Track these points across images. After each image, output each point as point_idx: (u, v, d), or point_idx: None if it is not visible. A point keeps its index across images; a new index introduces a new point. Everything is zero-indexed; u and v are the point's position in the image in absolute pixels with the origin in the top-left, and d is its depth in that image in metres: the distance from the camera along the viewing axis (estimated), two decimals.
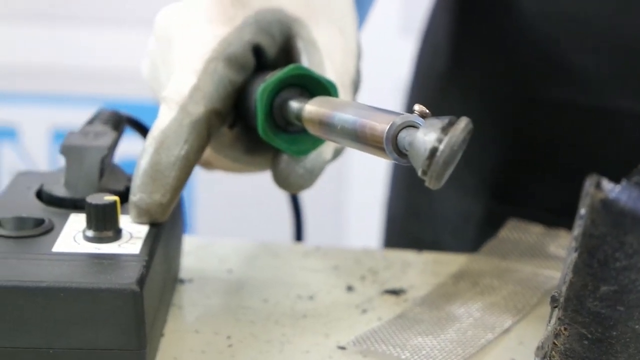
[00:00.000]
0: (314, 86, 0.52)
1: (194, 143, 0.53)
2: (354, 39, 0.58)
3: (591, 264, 0.53)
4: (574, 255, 0.53)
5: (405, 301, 0.57)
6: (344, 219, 1.57)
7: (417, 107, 0.46)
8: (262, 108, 0.52)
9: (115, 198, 0.49)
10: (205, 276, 0.59)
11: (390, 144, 0.45)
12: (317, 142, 0.53)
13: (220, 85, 0.54)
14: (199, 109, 0.53)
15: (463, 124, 0.46)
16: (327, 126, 0.49)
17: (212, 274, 0.59)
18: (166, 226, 0.53)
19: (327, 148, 0.55)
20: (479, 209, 0.76)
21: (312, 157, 0.54)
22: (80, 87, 1.68)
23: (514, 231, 0.67)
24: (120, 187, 0.54)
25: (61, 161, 0.54)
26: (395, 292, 0.58)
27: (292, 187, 0.55)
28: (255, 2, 0.55)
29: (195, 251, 0.61)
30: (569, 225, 0.69)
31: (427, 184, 0.46)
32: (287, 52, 0.56)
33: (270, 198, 1.74)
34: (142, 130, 0.61)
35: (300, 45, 0.55)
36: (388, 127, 0.45)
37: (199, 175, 1.63)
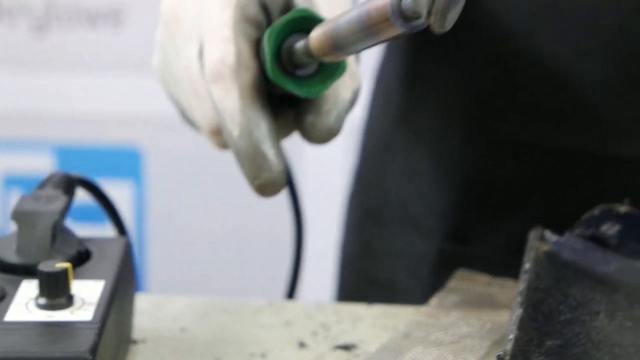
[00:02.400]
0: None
1: (264, 110, 0.55)
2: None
3: (536, 318, 0.54)
4: (519, 310, 0.54)
5: (356, 357, 0.58)
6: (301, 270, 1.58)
7: None
8: (270, 50, 0.54)
9: (67, 265, 0.50)
10: (159, 336, 0.59)
11: (397, 13, 0.46)
12: (326, 81, 0.55)
13: (252, 45, 0.56)
14: (248, 74, 0.55)
15: None
16: (336, 37, 0.50)
17: (165, 333, 0.60)
18: (118, 289, 0.53)
19: (344, 89, 0.57)
20: (432, 248, 0.77)
21: (332, 102, 0.56)
22: (32, 132, 1.68)
23: (462, 282, 0.68)
24: (72, 251, 0.54)
25: (12, 226, 0.55)
26: (346, 348, 0.59)
27: (323, 137, 0.56)
28: None
29: (149, 310, 0.62)
30: (519, 265, 0.71)
31: (432, 26, 0.46)
32: (288, 10, 0.58)
33: (224, 251, 1.75)
34: (94, 191, 0.61)
35: (297, 2, 0.57)
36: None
37: (153, 232, 1.64)
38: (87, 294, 0.51)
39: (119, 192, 1.63)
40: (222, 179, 1.61)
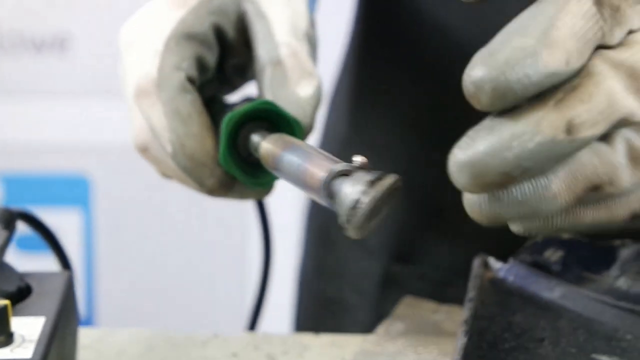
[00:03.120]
0: (280, 120, 0.55)
1: (197, 117, 0.55)
2: (303, 5, 0.60)
3: (481, 347, 0.54)
4: (464, 339, 0.54)
5: None
6: (249, 301, 1.57)
7: (358, 158, 0.49)
8: (225, 138, 0.54)
9: (6, 302, 0.49)
10: None
11: (324, 191, 0.48)
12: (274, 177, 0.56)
13: (186, 55, 0.56)
14: (173, 90, 0.55)
15: (390, 180, 0.48)
16: (276, 166, 0.52)
17: None
18: (60, 324, 0.52)
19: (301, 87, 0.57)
20: (378, 268, 0.78)
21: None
22: None
23: (408, 309, 0.68)
24: (12, 287, 0.53)
25: None
26: None
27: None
28: None
29: (93, 344, 0.61)
30: (463, 286, 0.72)
31: (347, 233, 0.48)
32: (243, 31, 0.58)
33: (174, 281, 1.74)
34: (36, 224, 0.61)
35: (250, 18, 0.58)
36: (326, 175, 0.48)
37: (101, 260, 1.62)
38: (27, 331, 0.51)
39: (67, 220, 1.62)
40: (172, 207, 1.61)
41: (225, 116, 0.55)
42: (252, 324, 0.70)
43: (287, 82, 0.56)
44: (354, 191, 0.47)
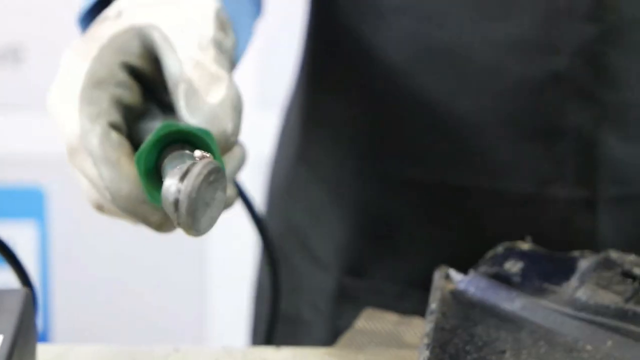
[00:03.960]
0: (191, 137, 0.55)
1: (122, 147, 0.56)
2: (211, 9, 0.60)
3: (443, 359, 0.54)
4: (426, 352, 0.54)
5: None
6: (208, 314, 1.57)
7: (197, 153, 0.50)
8: (140, 171, 0.54)
9: None
10: None
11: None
12: None
13: (102, 103, 0.57)
14: (97, 139, 0.56)
15: (197, 169, 0.48)
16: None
17: None
18: (18, 343, 0.52)
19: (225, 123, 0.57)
20: (331, 282, 0.78)
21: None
22: None
23: (369, 321, 0.68)
24: None
25: None
26: None
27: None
28: (107, 31, 0.59)
29: None
30: (418, 298, 0.72)
31: (186, 233, 0.49)
32: (156, 59, 0.59)
33: (132, 296, 1.72)
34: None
35: (156, 44, 0.58)
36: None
37: (57, 272, 1.60)
38: None
39: (22, 232, 1.60)
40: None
41: (135, 156, 0.55)
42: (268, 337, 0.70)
43: (197, 94, 0.57)
44: (171, 192, 0.48)
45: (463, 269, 0.62)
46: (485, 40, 0.69)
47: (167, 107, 0.60)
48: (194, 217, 0.47)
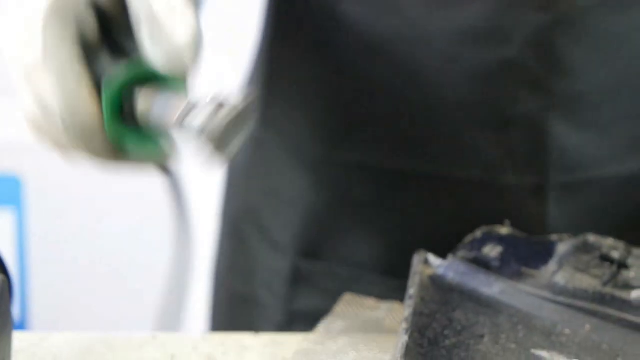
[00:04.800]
0: (156, 77, 0.55)
1: (83, 76, 0.56)
2: None
3: (422, 344, 0.54)
4: (405, 337, 0.54)
5: None
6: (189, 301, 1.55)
7: (210, 94, 0.53)
8: (107, 103, 0.55)
9: None
10: None
11: (179, 127, 0.53)
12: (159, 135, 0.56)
13: (67, 30, 0.57)
14: (61, 53, 0.56)
15: (236, 104, 0.52)
16: (149, 120, 0.55)
17: None
18: None
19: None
20: (287, 264, 0.78)
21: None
22: None
23: (348, 306, 0.68)
24: None
25: None
26: None
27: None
28: None
29: (28, 348, 0.60)
30: (373, 282, 0.72)
31: (212, 158, 0.52)
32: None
33: (109, 282, 1.72)
34: None
35: None
36: (179, 111, 0.52)
37: (34, 259, 1.59)
38: None
39: None
40: (106, 206, 1.59)
41: (103, 83, 0.55)
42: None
43: (162, 31, 0.56)
44: (195, 125, 0.51)
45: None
46: (439, 28, 0.70)
47: (118, 51, 0.60)
48: (223, 143, 0.52)
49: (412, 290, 0.58)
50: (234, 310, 0.83)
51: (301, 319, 0.77)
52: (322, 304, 0.75)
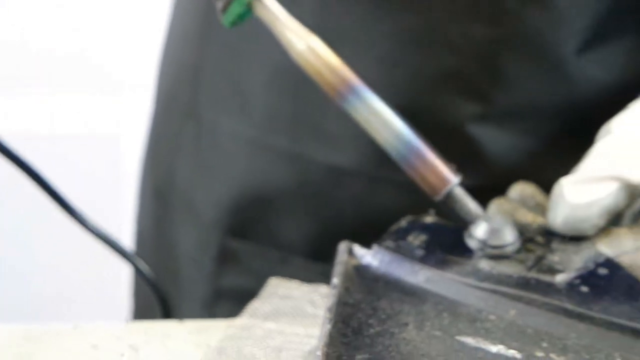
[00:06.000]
0: None
1: None
2: None
3: (345, 333, 0.54)
4: (328, 326, 0.54)
5: None
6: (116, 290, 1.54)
7: None
8: None
9: None
10: None
11: None
12: None
13: None
14: None
15: None
16: None
17: None
18: None
19: None
20: (214, 241, 0.78)
21: None
22: None
23: (275, 290, 0.67)
24: None
25: None
26: None
27: None
28: None
29: None
30: (300, 265, 0.72)
31: None
32: None
33: (27, 276, 1.69)
34: None
35: None
36: None
37: None
38: None
39: None
40: (27, 196, 1.56)
41: None
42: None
43: None
44: None
45: (346, 238, 0.62)
46: (382, 32, 0.69)
47: None
48: None
49: (335, 280, 0.57)
50: (158, 282, 0.83)
51: (228, 297, 0.77)
52: (249, 283, 0.75)
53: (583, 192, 0.60)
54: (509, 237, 0.61)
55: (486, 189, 0.67)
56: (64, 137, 1.64)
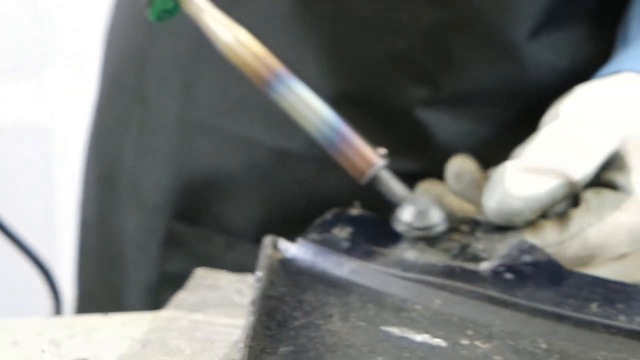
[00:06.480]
0: None
1: None
2: None
3: (269, 326, 0.54)
4: (252, 319, 0.53)
5: None
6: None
7: None
8: None
9: None
10: None
11: None
12: None
13: None
14: None
15: None
16: None
17: None
18: None
19: None
20: (161, 226, 0.77)
21: None
22: None
23: (201, 281, 0.67)
24: None
25: None
26: None
27: None
28: None
29: None
30: (247, 250, 0.72)
31: None
32: None
33: None
34: None
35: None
36: None
37: None
38: None
39: None
40: None
41: None
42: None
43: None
44: None
45: (292, 231, 0.61)
46: (327, 14, 0.69)
47: None
48: None
49: (259, 273, 0.57)
50: (101, 268, 0.82)
51: (173, 282, 0.76)
52: (195, 267, 0.75)
53: (523, 182, 0.60)
54: (435, 218, 0.61)
55: (435, 175, 0.67)
56: None
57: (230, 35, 0.61)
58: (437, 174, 0.67)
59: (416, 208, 0.61)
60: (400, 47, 0.69)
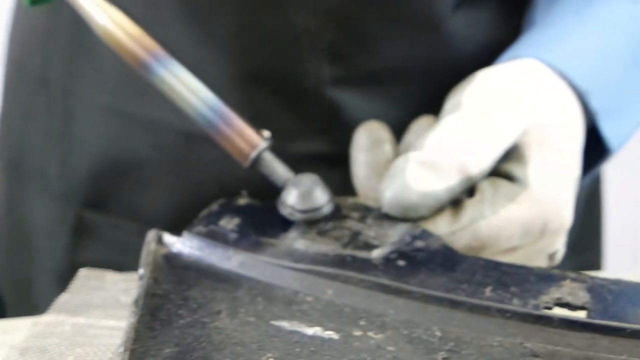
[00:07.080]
0: None
1: None
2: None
3: (153, 327, 0.51)
4: (133, 321, 0.51)
5: None
6: None
7: None
8: None
9: None
10: None
11: None
12: None
13: None
14: None
15: None
16: None
17: None
18: None
19: None
20: (70, 214, 0.75)
21: None
22: None
23: (86, 281, 0.64)
24: None
25: None
26: None
27: None
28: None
29: None
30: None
31: None
32: None
33: None
34: None
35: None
36: None
37: None
38: None
39: None
40: None
41: None
42: None
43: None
44: None
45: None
46: None
47: None
48: None
49: (142, 270, 0.55)
50: (12, 258, 0.79)
51: None
52: (108, 256, 0.73)
53: (423, 177, 0.58)
54: (319, 199, 0.59)
55: (347, 157, 0.66)
56: None
57: (105, 17, 0.59)
58: (348, 155, 0.66)
59: (300, 190, 0.59)
60: (308, 25, 0.67)
